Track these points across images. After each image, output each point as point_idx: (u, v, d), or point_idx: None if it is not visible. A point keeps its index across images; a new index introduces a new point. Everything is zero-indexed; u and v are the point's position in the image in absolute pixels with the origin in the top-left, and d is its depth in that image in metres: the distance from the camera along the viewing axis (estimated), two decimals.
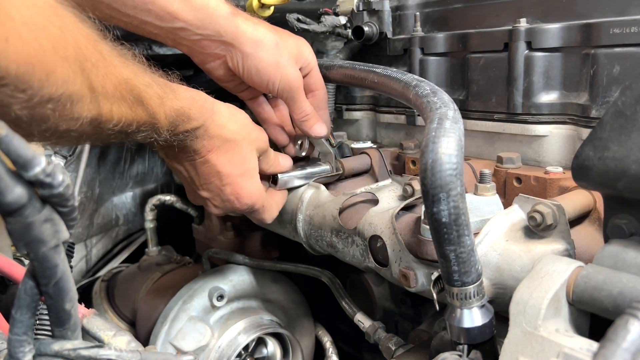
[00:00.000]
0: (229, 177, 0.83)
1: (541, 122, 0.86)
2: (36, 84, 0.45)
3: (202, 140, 0.77)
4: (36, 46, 0.44)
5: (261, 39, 0.86)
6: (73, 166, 1.23)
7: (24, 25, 0.43)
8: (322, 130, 0.95)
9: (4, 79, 0.42)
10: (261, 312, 1.15)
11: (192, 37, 0.83)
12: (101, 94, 0.55)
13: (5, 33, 0.41)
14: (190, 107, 0.73)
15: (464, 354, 0.60)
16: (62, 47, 0.48)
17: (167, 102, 0.68)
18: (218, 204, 0.87)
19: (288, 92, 0.90)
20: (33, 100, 0.45)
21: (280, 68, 0.88)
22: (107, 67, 0.57)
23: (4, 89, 0.43)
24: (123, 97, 0.59)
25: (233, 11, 0.84)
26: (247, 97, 0.98)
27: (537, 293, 0.53)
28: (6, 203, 0.36)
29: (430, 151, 0.56)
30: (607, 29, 0.76)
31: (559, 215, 0.63)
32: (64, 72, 0.48)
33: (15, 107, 0.45)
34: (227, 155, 0.81)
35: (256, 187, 0.87)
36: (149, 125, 0.65)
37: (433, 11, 1.03)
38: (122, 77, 0.59)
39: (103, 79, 0.55)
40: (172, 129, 0.70)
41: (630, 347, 0.42)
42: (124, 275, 1.32)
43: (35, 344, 0.46)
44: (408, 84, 0.75)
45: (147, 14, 0.78)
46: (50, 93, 0.47)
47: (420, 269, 0.71)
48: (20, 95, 0.44)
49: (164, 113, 0.67)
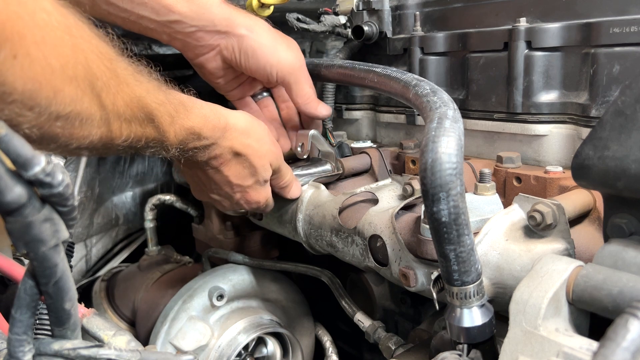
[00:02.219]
0: (240, 187, 0.85)
1: (541, 122, 0.86)
2: (43, 101, 0.45)
3: (214, 155, 0.78)
4: (44, 64, 0.45)
5: (254, 23, 0.88)
6: (73, 166, 1.23)
7: (33, 44, 0.43)
8: (326, 111, 0.96)
9: (11, 95, 0.43)
10: (261, 312, 1.15)
11: (187, 29, 0.84)
12: (111, 112, 0.55)
13: (14, 50, 0.41)
14: (202, 127, 0.73)
15: (464, 354, 0.60)
16: (72, 66, 0.48)
17: (179, 120, 0.69)
18: (227, 205, 0.90)
19: (289, 75, 0.90)
20: (41, 118, 0.46)
21: (277, 50, 0.88)
22: (119, 85, 0.57)
23: (12, 106, 0.43)
24: (134, 115, 0.60)
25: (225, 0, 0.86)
26: (236, 97, 0.98)
27: (537, 292, 0.53)
28: (6, 202, 0.36)
29: (430, 150, 0.56)
30: (607, 28, 0.76)
31: (559, 214, 0.63)
32: (71, 91, 0.48)
33: (24, 125, 0.45)
34: (238, 168, 0.82)
35: (265, 193, 0.89)
36: (158, 143, 0.66)
37: (433, 11, 1.02)
38: (134, 95, 0.60)
39: (114, 97, 0.56)
40: (182, 147, 0.71)
41: (630, 346, 0.42)
42: (124, 274, 1.32)
43: (35, 343, 0.46)
44: (408, 83, 0.75)
45: (143, 8, 0.79)
46: (58, 111, 0.47)
47: (420, 269, 0.71)
48: (28, 114, 0.45)
49: (174, 132, 0.68)
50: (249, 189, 0.86)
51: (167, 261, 1.33)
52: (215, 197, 0.88)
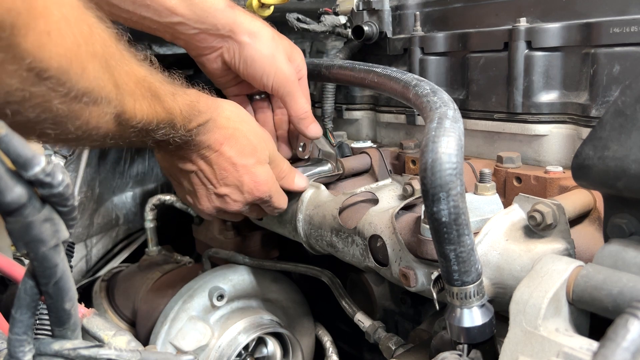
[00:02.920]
0: (245, 167, 0.84)
1: (541, 122, 0.86)
2: (73, 77, 0.47)
3: (213, 133, 0.79)
4: (72, 40, 0.46)
5: (258, 30, 0.88)
6: (73, 166, 1.23)
7: (63, 20, 0.45)
8: (318, 132, 0.96)
9: (47, 71, 0.44)
10: (261, 312, 1.15)
11: (190, 31, 0.84)
12: (125, 91, 0.57)
13: (48, 27, 0.43)
14: (198, 101, 0.75)
15: (464, 354, 0.60)
16: (92, 44, 0.50)
17: (179, 98, 0.70)
18: (238, 197, 0.86)
19: (284, 88, 0.90)
20: (71, 94, 0.48)
21: (275, 61, 0.88)
22: (128, 65, 0.59)
23: (47, 82, 0.45)
24: (143, 95, 0.62)
25: (230, 4, 0.86)
26: (233, 93, 0.99)
27: (537, 292, 0.53)
28: (6, 202, 0.36)
29: (430, 151, 0.56)
30: (607, 28, 0.76)
31: (559, 214, 0.63)
32: (94, 68, 0.50)
33: (55, 101, 0.47)
34: (239, 146, 0.82)
35: (270, 174, 0.88)
36: (167, 122, 0.68)
37: (433, 11, 1.02)
38: (140, 75, 0.62)
39: (125, 76, 0.58)
40: (186, 124, 0.72)
41: (630, 346, 0.42)
42: (124, 275, 1.32)
43: (35, 343, 0.46)
44: (408, 83, 0.75)
45: (145, 9, 0.79)
46: (85, 87, 0.49)
47: (420, 269, 0.71)
48: (60, 89, 0.46)
49: (179, 108, 0.70)
50: (253, 168, 0.84)
51: (167, 261, 1.33)
52: (224, 191, 0.85)
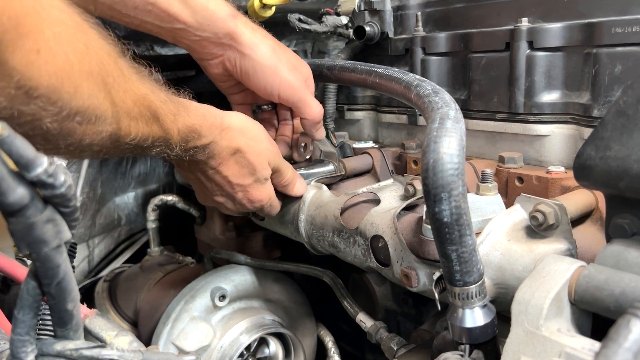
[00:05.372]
0: (240, 186, 0.85)
1: (543, 122, 0.86)
2: (65, 96, 0.47)
3: (212, 154, 0.79)
4: (64, 59, 0.46)
5: (259, 41, 0.88)
6: (75, 166, 1.23)
7: (53, 39, 0.44)
8: (323, 133, 0.98)
9: (37, 90, 0.44)
10: (263, 312, 1.15)
11: (192, 37, 0.84)
12: (121, 110, 0.57)
13: (37, 45, 0.42)
14: (201, 125, 0.74)
15: (466, 354, 0.60)
16: (87, 62, 0.49)
17: (180, 119, 0.70)
18: (231, 206, 0.90)
19: (293, 95, 0.91)
20: (62, 113, 0.47)
21: (278, 72, 0.88)
22: (127, 83, 0.58)
23: (37, 101, 0.44)
24: (141, 113, 0.61)
25: (232, 13, 0.85)
26: (237, 101, 0.99)
27: (539, 293, 0.53)
28: (8, 203, 0.36)
29: (432, 151, 0.56)
30: (609, 28, 0.76)
31: (561, 214, 0.63)
32: (89, 86, 0.50)
33: (46, 120, 0.46)
34: (237, 167, 0.83)
35: (266, 191, 0.89)
36: (163, 141, 0.67)
37: (434, 11, 1.02)
38: (140, 93, 0.61)
39: (123, 94, 0.57)
40: (184, 145, 0.72)
41: (632, 346, 0.42)
42: (126, 275, 1.32)
43: (37, 344, 0.46)
44: (409, 83, 0.75)
45: (147, 14, 0.79)
46: (78, 106, 0.49)
47: (422, 269, 0.71)
48: (51, 108, 0.46)
49: (177, 129, 0.69)
50: (250, 187, 0.86)
51: (169, 262, 1.33)
52: (219, 200, 0.88)
